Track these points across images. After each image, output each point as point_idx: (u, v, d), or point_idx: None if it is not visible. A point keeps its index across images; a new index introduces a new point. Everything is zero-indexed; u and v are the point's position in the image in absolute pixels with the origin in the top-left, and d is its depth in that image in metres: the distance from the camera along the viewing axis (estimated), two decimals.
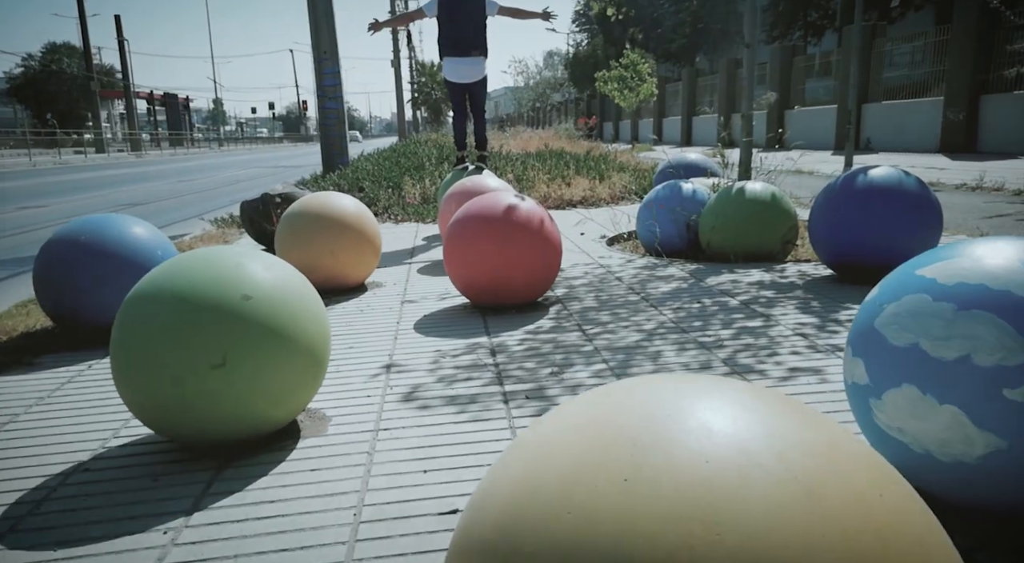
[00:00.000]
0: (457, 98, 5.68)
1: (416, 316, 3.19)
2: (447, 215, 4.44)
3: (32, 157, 27.03)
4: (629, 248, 4.88)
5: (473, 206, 3.21)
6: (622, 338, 2.69)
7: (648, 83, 19.79)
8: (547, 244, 3.16)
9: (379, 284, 3.93)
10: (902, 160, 11.11)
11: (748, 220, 3.94)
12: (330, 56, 8.99)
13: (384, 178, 7.72)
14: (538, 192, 7.31)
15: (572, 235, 5.36)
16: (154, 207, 10.39)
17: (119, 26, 34.88)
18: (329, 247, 3.59)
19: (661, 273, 3.84)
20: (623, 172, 7.97)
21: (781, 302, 3.08)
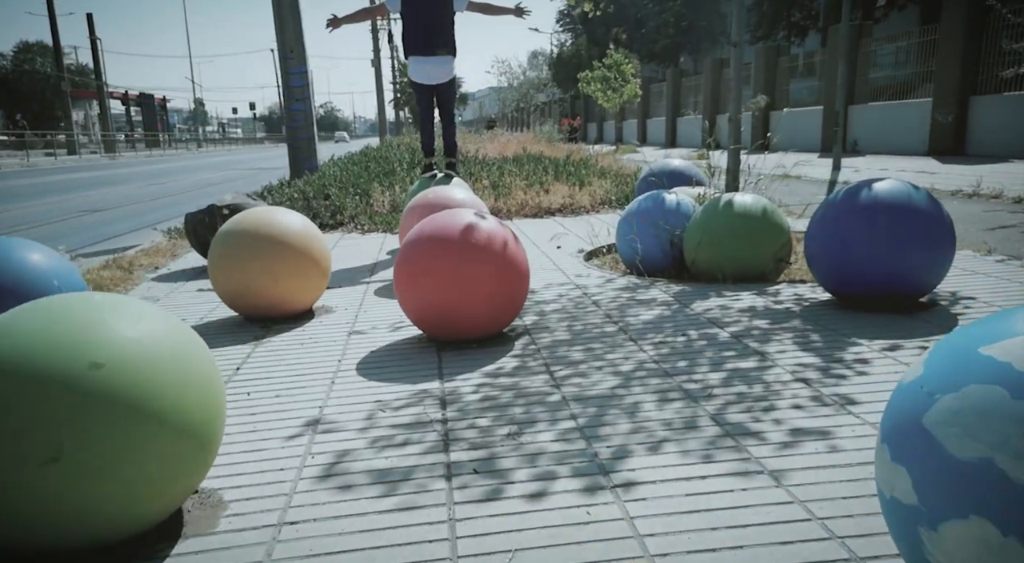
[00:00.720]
0: (424, 101, 5.28)
1: (362, 352, 2.79)
2: (408, 230, 4.04)
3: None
4: (609, 264, 4.51)
5: (426, 226, 2.81)
6: (595, 383, 2.31)
7: (632, 84, 19.48)
8: (512, 269, 2.77)
9: (329, 309, 3.52)
10: (890, 163, 10.84)
11: (737, 236, 3.58)
12: (296, 55, 8.55)
13: (351, 184, 7.29)
14: (515, 199, 6.92)
15: (548, 249, 4.98)
16: (113, 214, 9.89)
17: (91, 24, 34.00)
18: (270, 270, 3.18)
19: (642, 296, 3.46)
20: (604, 178, 7.60)
21: (777, 335, 2.71)
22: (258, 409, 2.22)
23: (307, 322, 3.29)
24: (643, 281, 3.80)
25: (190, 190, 14.11)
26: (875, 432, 1.84)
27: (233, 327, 3.26)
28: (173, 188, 14.72)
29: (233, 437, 2.02)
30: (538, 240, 5.42)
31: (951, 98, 11.49)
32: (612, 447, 1.84)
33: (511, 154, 9.62)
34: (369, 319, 3.29)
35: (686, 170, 5.37)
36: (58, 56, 29.42)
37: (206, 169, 22.96)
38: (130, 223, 8.64)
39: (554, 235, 5.14)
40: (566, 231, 5.78)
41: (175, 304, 3.78)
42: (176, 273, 4.66)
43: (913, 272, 2.82)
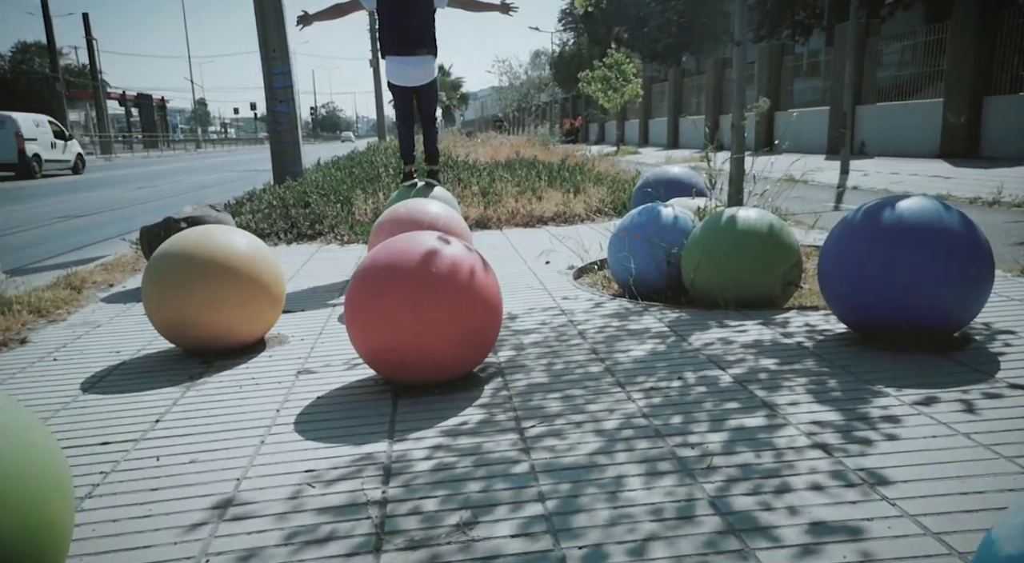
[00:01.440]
0: (402, 104, 4.90)
1: (307, 397, 2.41)
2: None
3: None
4: (600, 283, 4.12)
5: (380, 254, 2.43)
6: (572, 447, 1.93)
7: (633, 84, 19.08)
8: (480, 303, 2.39)
9: (283, 339, 3.15)
10: (900, 166, 10.43)
11: (741, 257, 3.19)
12: (279, 55, 8.18)
13: (333, 191, 6.92)
14: (505, 207, 6.54)
15: (536, 265, 4.60)
16: (93, 219, 9.53)
17: (87, 24, 33.66)
18: (210, 299, 2.80)
19: (634, 325, 3.08)
20: (600, 184, 7.22)
21: (788, 380, 2.33)
22: (163, 483, 1.84)
23: (255, 356, 2.92)
24: (636, 305, 3.41)
25: (181, 193, 13.76)
26: (917, 530, 1.46)
27: (170, 362, 2.89)
28: (163, 191, 14.37)
29: (121, 525, 1.64)
30: (527, 253, 5.04)
31: (964, 98, 11.07)
32: (585, 547, 1.46)
33: (504, 158, 9.22)
34: (325, 353, 2.91)
35: (685, 178, 4.98)
36: (53, 56, 29.05)
37: (202, 171, 22.62)
38: (108, 230, 8.28)
39: (542, 251, 4.75)
40: (554, 248, 5.39)
41: (115, 331, 3.40)
42: (130, 292, 4.29)
43: (945, 306, 2.43)
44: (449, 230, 3.59)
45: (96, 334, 3.37)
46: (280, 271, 3.10)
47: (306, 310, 3.69)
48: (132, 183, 16.70)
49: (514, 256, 4.97)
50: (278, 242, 6.06)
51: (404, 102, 4.91)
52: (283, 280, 3.11)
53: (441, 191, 4.94)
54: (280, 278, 3.07)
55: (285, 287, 3.14)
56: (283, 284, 3.10)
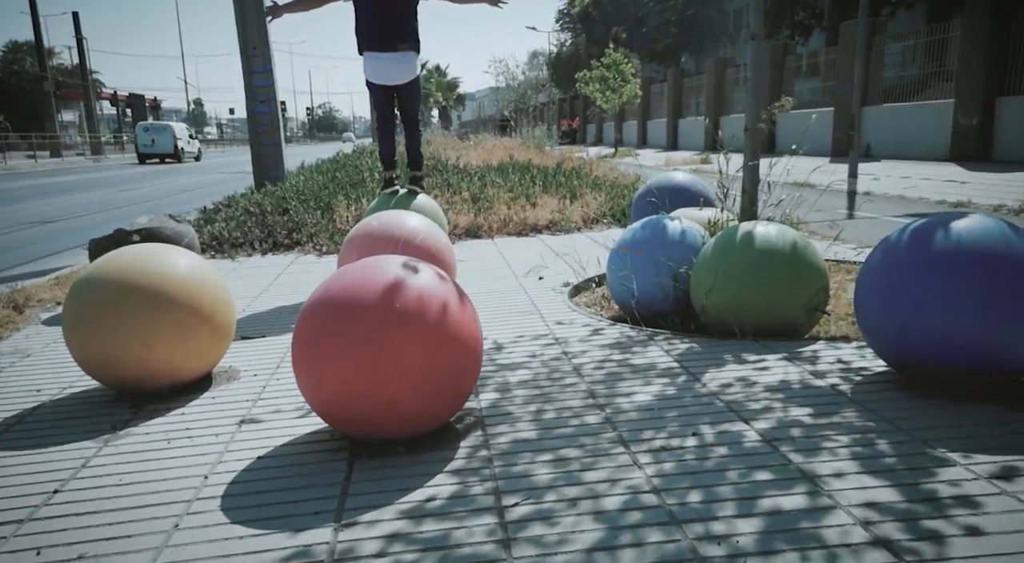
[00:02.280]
0: (382, 104, 4.48)
1: (245, 458, 1.99)
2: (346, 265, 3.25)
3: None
4: (599, 303, 3.71)
5: (334, 284, 2.02)
6: (564, 538, 1.52)
7: (631, 84, 18.69)
8: (453, 344, 1.97)
9: (232, 374, 2.73)
10: (910, 169, 10.04)
11: (760, 279, 2.78)
12: (260, 51, 7.75)
13: (314, 197, 6.50)
14: (497, 215, 6.13)
15: (528, 281, 4.18)
16: (64, 226, 9.09)
17: (77, 23, 33.07)
18: (140, 332, 2.38)
19: (638, 358, 2.67)
20: (598, 190, 6.80)
21: (827, 438, 1.92)
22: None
23: (196, 397, 2.50)
24: (639, 333, 3.00)
25: (161, 197, 13.33)
26: None
27: (95, 406, 2.47)
28: (144, 194, 13.93)
29: None
30: (519, 266, 4.63)
31: (976, 99, 10.68)
32: None
33: (496, 162, 8.80)
34: (278, 393, 2.49)
35: (691, 186, 4.57)
36: (40, 55, 28.46)
37: (191, 172, 22.17)
38: (76, 237, 7.84)
39: (532, 268, 4.33)
40: (548, 263, 4.98)
41: (44, 363, 2.98)
42: None
43: (1016, 348, 2.02)
44: (428, 248, 3.19)
45: (22, 367, 2.95)
46: (228, 296, 2.68)
47: (266, 336, 3.27)
48: (113, 186, 16.25)
49: (504, 270, 4.56)
50: (252, 252, 5.65)
51: (384, 102, 4.50)
52: (232, 307, 2.69)
53: (424, 199, 4.53)
54: (228, 305, 2.66)
55: (234, 315, 2.72)
56: (232, 312, 2.68)
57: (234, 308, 2.72)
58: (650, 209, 4.56)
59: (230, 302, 2.68)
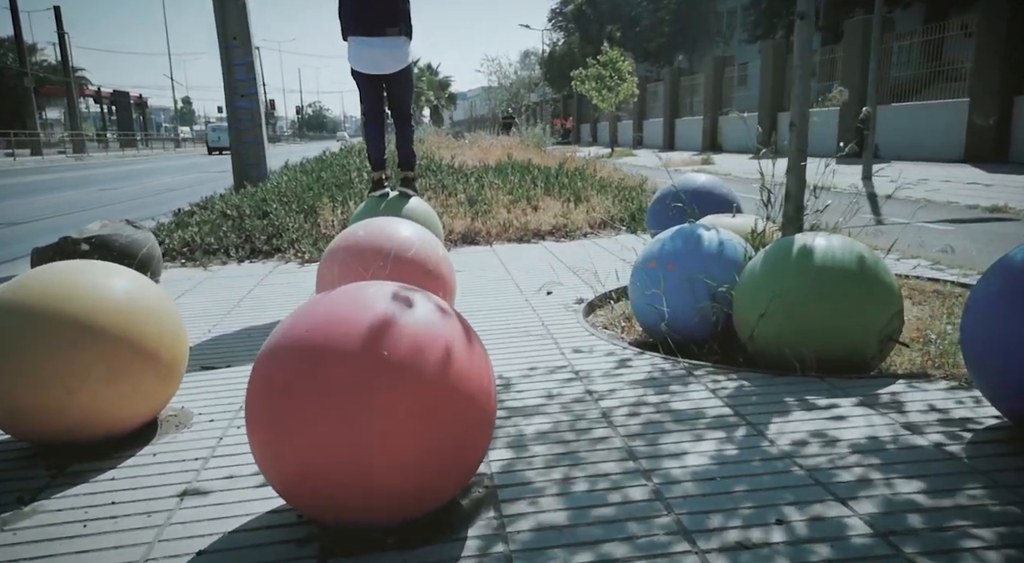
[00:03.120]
0: (369, 97, 3.99)
1: (181, 556, 1.49)
2: (326, 282, 2.75)
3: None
4: (619, 323, 3.23)
5: (303, 320, 1.52)
6: None
7: (628, 82, 18.24)
8: (460, 404, 1.49)
9: (184, 419, 2.23)
10: (925, 171, 9.62)
11: (824, 301, 2.31)
12: (241, 43, 7.23)
13: (297, 199, 5.99)
14: (496, 219, 5.64)
15: (536, 297, 3.69)
16: (31, 228, 8.52)
17: (59, 18, 32.25)
18: (59, 372, 1.89)
19: (679, 401, 2.19)
20: (604, 192, 6.32)
21: (961, 529, 1.44)
22: None
23: (133, 454, 2.00)
24: (675, 365, 2.52)
25: (142, 196, 12.76)
26: None
27: (5, 467, 1.97)
28: (125, 194, 13.34)
29: None
30: (523, 277, 4.14)
31: (992, 98, 10.26)
32: None
33: (494, 162, 8.29)
34: (235, 447, 2.00)
35: (716, 189, 4.10)
36: (20, 51, 27.67)
37: (175, 171, 21.54)
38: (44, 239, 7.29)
39: (543, 285, 3.83)
40: (556, 276, 4.49)
41: None
42: None
43: None
44: (422, 262, 2.70)
45: None
46: (178, 325, 2.18)
47: (231, 365, 2.77)
48: (95, 185, 15.64)
49: (506, 282, 4.07)
50: (227, 260, 5.13)
51: (371, 95, 4.00)
52: (182, 338, 2.19)
53: (417, 203, 4.04)
54: (178, 336, 2.16)
55: (185, 347, 2.22)
56: (182, 343, 2.19)
57: (185, 339, 2.22)
58: (668, 214, 4.09)
59: (180, 332, 2.18)
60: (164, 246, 5.27)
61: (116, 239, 3.44)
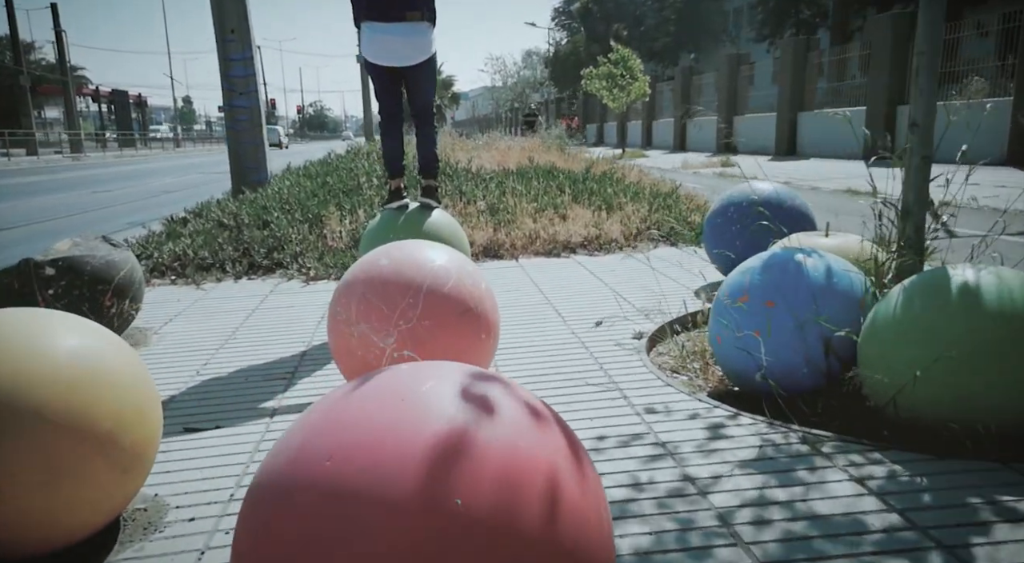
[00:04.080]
0: (386, 93, 3.43)
1: None
2: (340, 326, 2.19)
3: None
4: (686, 362, 2.67)
5: (319, 438, 0.96)
6: None
7: (640, 81, 17.67)
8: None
9: (155, 518, 1.69)
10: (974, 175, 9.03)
11: (1006, 358, 1.76)
12: (239, 36, 6.68)
13: (300, 207, 5.44)
14: (520, 229, 5.09)
15: (581, 327, 3.14)
16: (10, 235, 7.97)
17: (56, 15, 31.61)
18: None
19: (817, 497, 1.63)
20: (638, 199, 5.76)
21: None
22: None
23: None
24: (788, 437, 1.96)
25: (138, 199, 12.21)
26: None
27: None
28: (119, 197, 12.79)
29: None
30: (561, 300, 3.59)
31: None
32: None
33: (514, 165, 7.71)
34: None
35: (789, 200, 3.53)
36: (16, 49, 27.04)
37: (174, 172, 20.99)
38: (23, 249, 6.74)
39: (598, 322, 3.24)
40: (597, 291, 3.94)
41: None
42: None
43: None
44: (462, 299, 2.16)
45: None
46: (145, 397, 1.63)
47: (222, 426, 2.22)
48: (88, 187, 15.09)
49: (543, 308, 3.52)
50: (223, 277, 4.58)
51: (388, 90, 3.45)
52: (151, 412, 1.64)
53: (441, 217, 3.49)
54: (145, 412, 1.61)
55: (156, 422, 1.67)
56: (152, 420, 1.63)
57: (157, 413, 1.67)
58: (732, 230, 3.54)
59: (149, 404, 1.63)
60: (152, 260, 4.73)
61: (88, 261, 2.89)
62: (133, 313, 3.13)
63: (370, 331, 2.11)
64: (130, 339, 3.24)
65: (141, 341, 3.24)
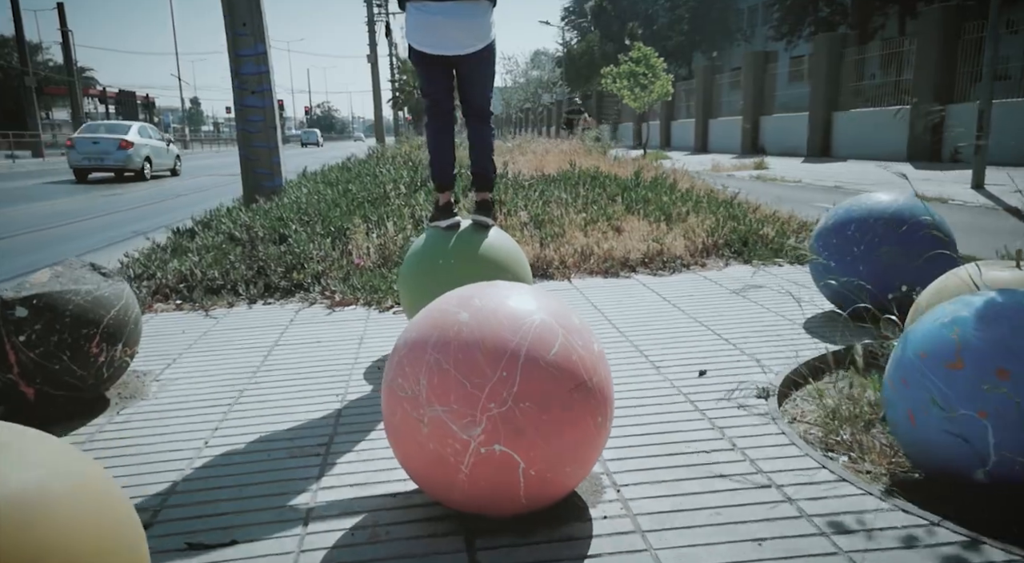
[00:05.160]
0: (435, 86, 2.83)
1: None
2: (400, 408, 1.59)
3: None
4: (836, 434, 2.05)
5: None
6: None
7: (663, 80, 17.03)
8: None
9: None
10: None
11: None
12: (251, 30, 6.09)
13: (322, 218, 4.84)
14: (571, 245, 4.48)
15: (684, 381, 2.52)
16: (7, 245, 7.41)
17: (62, 16, 31.09)
18: None
19: None
20: (699, 209, 5.13)
21: None
22: None
23: None
24: None
25: (144, 205, 11.65)
26: None
27: None
28: (125, 201, 12.24)
29: None
30: (639, 335, 2.98)
31: None
32: None
33: (553, 171, 7.05)
34: None
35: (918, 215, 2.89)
36: (21, 49, 26.48)
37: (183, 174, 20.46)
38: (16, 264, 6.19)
39: (703, 370, 2.60)
40: (677, 321, 3.33)
41: None
42: None
43: None
44: (570, 366, 1.56)
45: None
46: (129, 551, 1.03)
47: (239, 543, 1.62)
48: (92, 191, 14.55)
49: (621, 345, 2.91)
50: (235, 300, 3.99)
51: (438, 83, 2.84)
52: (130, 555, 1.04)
53: (499, 238, 2.88)
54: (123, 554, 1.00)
55: None
56: None
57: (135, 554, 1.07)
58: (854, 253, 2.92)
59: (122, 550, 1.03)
60: (155, 281, 4.14)
61: (70, 299, 2.30)
62: (127, 360, 2.54)
63: (448, 416, 1.51)
64: (124, 390, 2.65)
65: (137, 392, 2.64)
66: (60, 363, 2.29)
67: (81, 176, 16.94)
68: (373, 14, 31.20)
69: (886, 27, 28.56)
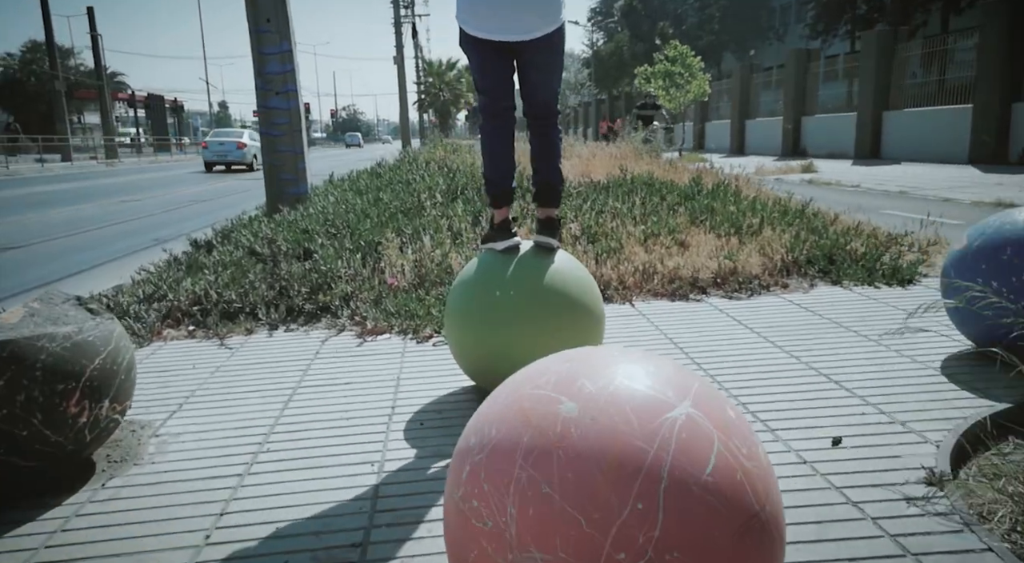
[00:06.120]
0: (493, 78, 2.33)
1: None
2: (477, 545, 1.07)
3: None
4: None
5: None
6: None
7: (699, 80, 16.40)
8: None
9: None
10: None
11: None
12: (276, 27, 5.66)
13: (351, 231, 4.36)
14: (631, 262, 3.95)
15: (813, 453, 1.98)
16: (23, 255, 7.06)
17: (92, 19, 31.21)
18: None
19: None
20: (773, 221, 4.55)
21: None
22: None
23: None
24: None
25: (163, 211, 11.32)
26: None
27: None
28: (143, 207, 11.92)
29: None
30: (737, 384, 2.44)
31: None
32: None
33: (602, 177, 6.47)
34: None
35: None
36: (51, 54, 26.56)
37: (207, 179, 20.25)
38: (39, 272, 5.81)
39: (837, 438, 2.04)
40: (775, 361, 2.78)
41: None
42: None
43: None
44: (735, 494, 1.00)
45: None
46: None
47: None
48: (115, 195, 14.31)
49: None
50: (255, 326, 3.52)
51: (496, 76, 2.34)
52: None
53: (568, 264, 2.37)
54: None
55: None
56: None
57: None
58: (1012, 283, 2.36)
59: None
60: (167, 303, 3.70)
61: (43, 346, 1.84)
62: (117, 418, 2.06)
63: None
64: (114, 451, 2.18)
65: (130, 453, 2.17)
66: (29, 428, 1.82)
67: (208, 168, 23.06)
68: (400, 15, 30.89)
69: (928, 24, 27.56)
